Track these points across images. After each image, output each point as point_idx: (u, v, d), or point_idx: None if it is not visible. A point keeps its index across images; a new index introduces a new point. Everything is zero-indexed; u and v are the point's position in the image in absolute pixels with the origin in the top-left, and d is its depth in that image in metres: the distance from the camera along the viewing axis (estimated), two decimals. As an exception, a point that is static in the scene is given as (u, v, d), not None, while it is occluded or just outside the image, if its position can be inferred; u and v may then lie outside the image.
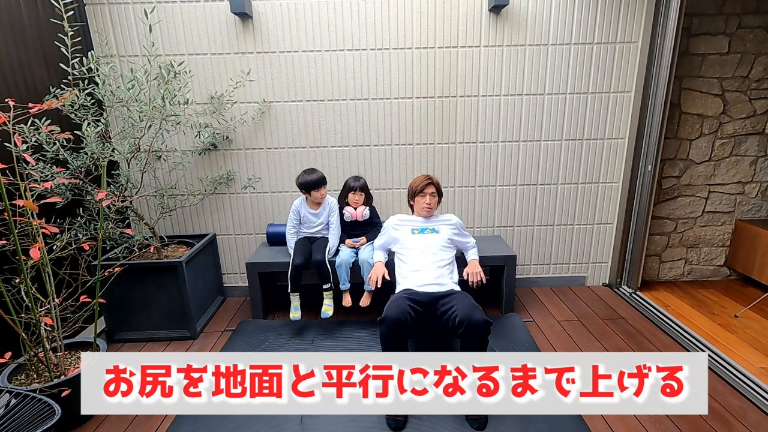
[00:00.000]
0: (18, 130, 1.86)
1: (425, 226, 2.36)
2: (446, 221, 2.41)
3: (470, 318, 1.81)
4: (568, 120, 2.91)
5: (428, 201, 2.34)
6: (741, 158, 3.07)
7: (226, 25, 2.71)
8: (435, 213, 2.45)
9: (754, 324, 2.64)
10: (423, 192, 2.34)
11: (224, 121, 2.85)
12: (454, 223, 2.41)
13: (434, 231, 2.34)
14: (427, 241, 2.30)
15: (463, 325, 1.82)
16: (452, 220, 2.43)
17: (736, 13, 2.82)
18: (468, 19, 2.72)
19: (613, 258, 3.18)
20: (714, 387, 2.05)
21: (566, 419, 1.82)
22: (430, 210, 2.36)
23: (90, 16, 2.69)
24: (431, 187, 2.35)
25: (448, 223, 2.40)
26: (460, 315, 1.85)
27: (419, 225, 2.38)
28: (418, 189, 2.34)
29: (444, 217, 2.44)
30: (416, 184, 2.36)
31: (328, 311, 2.56)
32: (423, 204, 2.35)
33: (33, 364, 1.82)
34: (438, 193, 2.39)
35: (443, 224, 2.39)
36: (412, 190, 2.38)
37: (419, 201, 2.36)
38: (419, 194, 2.34)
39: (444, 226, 2.37)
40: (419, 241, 2.30)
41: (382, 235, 2.54)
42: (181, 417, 1.91)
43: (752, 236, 3.04)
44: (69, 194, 2.28)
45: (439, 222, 2.40)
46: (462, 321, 1.82)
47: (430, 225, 2.37)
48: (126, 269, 2.39)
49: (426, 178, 2.36)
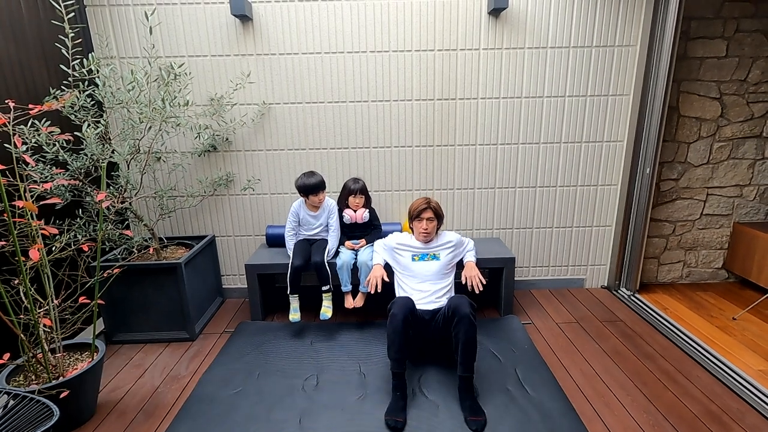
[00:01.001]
0: (18, 131, 1.86)
1: (425, 252, 2.35)
2: (446, 245, 2.36)
3: (457, 308, 1.95)
4: (566, 123, 2.92)
5: (425, 226, 2.28)
6: (739, 161, 3.08)
7: (227, 27, 2.72)
8: (435, 236, 2.38)
9: (752, 326, 2.65)
10: (420, 217, 2.28)
11: (224, 122, 2.86)
12: (451, 246, 2.37)
13: (435, 258, 2.34)
14: (428, 268, 2.31)
15: (450, 311, 1.99)
16: (451, 242, 2.38)
17: (734, 17, 2.83)
18: (467, 22, 2.73)
19: (612, 260, 3.19)
20: (712, 389, 2.06)
21: (565, 422, 1.83)
22: (427, 236, 2.31)
23: (90, 18, 2.69)
24: (428, 211, 2.27)
25: (447, 246, 2.36)
26: (449, 306, 2.00)
27: (419, 251, 2.35)
28: (415, 214, 2.29)
29: (444, 239, 2.38)
30: (414, 208, 2.31)
31: (327, 313, 2.57)
32: (420, 229, 2.30)
33: (31, 365, 1.82)
34: (437, 216, 2.30)
35: (443, 249, 2.35)
36: (411, 214, 2.33)
37: (416, 226, 2.32)
38: (416, 219, 2.30)
39: (443, 251, 2.35)
40: (420, 269, 2.31)
41: (383, 249, 2.50)
42: (180, 417, 1.90)
43: (750, 239, 3.05)
44: (68, 195, 2.28)
45: (439, 247, 2.35)
46: (449, 308, 1.99)
47: (430, 251, 2.35)
48: (125, 270, 2.39)
49: (424, 201, 2.29)
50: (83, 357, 2.01)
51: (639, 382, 2.13)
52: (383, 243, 2.51)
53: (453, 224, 3.12)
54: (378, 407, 1.94)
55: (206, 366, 2.35)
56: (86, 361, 1.96)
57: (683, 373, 2.19)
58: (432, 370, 2.21)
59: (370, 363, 2.30)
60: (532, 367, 2.22)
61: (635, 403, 1.97)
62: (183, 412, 1.94)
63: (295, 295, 2.57)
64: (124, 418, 1.95)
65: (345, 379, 2.16)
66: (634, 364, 2.28)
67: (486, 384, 2.09)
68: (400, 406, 1.90)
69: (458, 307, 1.95)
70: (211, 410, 1.95)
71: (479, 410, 1.87)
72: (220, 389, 2.10)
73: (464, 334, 1.91)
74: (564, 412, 1.88)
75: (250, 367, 2.28)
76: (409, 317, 2.00)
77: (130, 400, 2.08)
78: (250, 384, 2.13)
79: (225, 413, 1.93)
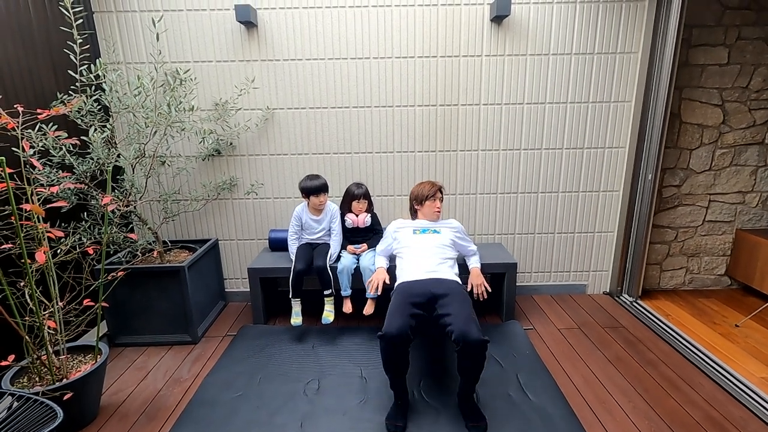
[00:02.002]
0: (26, 135, 1.89)
1: (427, 227, 2.38)
2: (448, 224, 2.44)
3: (465, 336, 1.73)
4: (568, 129, 2.93)
5: (438, 205, 2.40)
6: (741, 168, 3.08)
7: (232, 33, 2.75)
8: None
9: (755, 333, 2.64)
10: (434, 197, 2.38)
11: (228, 127, 2.88)
12: (456, 227, 2.44)
13: (436, 231, 2.37)
14: (428, 240, 2.32)
15: (459, 344, 1.75)
16: (454, 224, 2.45)
17: (736, 25, 2.85)
18: (470, 29, 2.76)
19: (614, 266, 3.19)
20: (714, 396, 2.05)
21: (567, 428, 1.82)
22: (440, 213, 2.43)
23: (98, 24, 2.73)
24: (440, 192, 2.42)
25: (450, 226, 2.43)
26: (455, 332, 1.76)
27: (421, 226, 2.40)
28: (430, 194, 2.37)
29: (446, 221, 2.47)
30: (425, 189, 2.39)
31: (329, 317, 2.58)
32: (434, 208, 2.38)
33: (35, 367, 1.83)
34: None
35: (445, 227, 2.41)
36: (422, 195, 2.39)
37: (429, 206, 2.38)
38: (429, 199, 2.37)
39: (446, 229, 2.40)
40: (420, 241, 2.31)
41: (383, 241, 2.55)
42: (181, 421, 1.91)
43: (752, 246, 3.04)
44: (74, 199, 2.30)
45: (441, 224, 2.42)
46: (458, 339, 1.75)
47: (432, 226, 2.39)
48: (129, 273, 2.41)
49: (434, 183, 2.41)
50: (87, 359, 2.03)
51: (641, 388, 2.12)
52: (383, 240, 2.55)
53: (455, 229, 3.13)
54: (379, 412, 1.94)
55: (208, 369, 2.36)
56: (89, 364, 1.97)
57: (685, 379, 2.18)
58: (433, 375, 2.22)
59: (372, 367, 2.30)
60: (533, 373, 2.22)
61: (637, 409, 1.97)
62: (185, 415, 1.95)
63: (297, 299, 2.59)
64: (127, 421, 1.96)
65: (346, 384, 2.16)
66: (636, 370, 2.27)
67: (487, 389, 2.09)
68: (400, 410, 1.90)
69: (467, 334, 1.74)
70: (212, 414, 1.95)
71: (480, 415, 1.86)
72: (222, 393, 2.11)
73: (474, 365, 1.79)
74: (565, 417, 1.88)
75: (252, 370, 2.29)
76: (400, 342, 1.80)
77: (132, 403, 2.09)
78: (252, 388, 2.14)
79: (227, 417, 1.93)
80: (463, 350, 1.76)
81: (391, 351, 1.80)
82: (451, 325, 1.81)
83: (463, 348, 1.75)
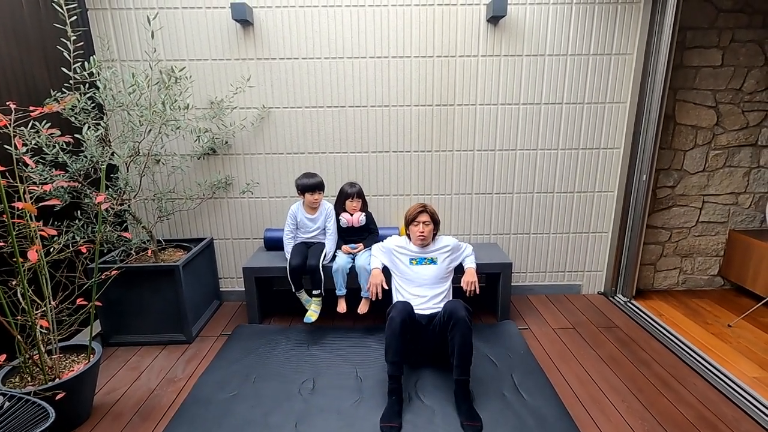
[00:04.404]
0: (18, 132, 1.87)
1: (423, 256, 2.36)
2: (443, 248, 2.38)
3: (453, 312, 1.99)
4: (564, 129, 2.94)
5: (421, 230, 2.29)
6: (734, 169, 3.11)
7: (227, 31, 2.74)
8: (431, 241, 2.39)
9: (747, 334, 2.66)
10: (416, 221, 2.30)
11: (224, 126, 2.87)
12: (448, 248, 2.39)
13: (432, 262, 2.35)
14: (425, 272, 2.33)
15: (445, 315, 2.01)
16: (448, 245, 2.39)
17: (729, 27, 2.87)
18: (466, 30, 2.76)
19: (609, 267, 3.20)
20: (707, 396, 2.07)
21: (561, 428, 1.83)
22: (424, 239, 2.32)
23: (92, 21, 2.71)
24: (424, 215, 2.30)
25: (444, 250, 2.38)
26: (446, 309, 2.03)
27: (417, 255, 2.36)
28: (411, 217, 2.32)
29: (441, 244, 2.39)
30: (410, 212, 2.34)
31: (312, 317, 2.57)
32: (416, 233, 2.31)
33: (28, 366, 1.81)
34: (433, 221, 2.32)
35: (440, 253, 2.37)
36: (407, 218, 2.35)
37: (413, 230, 2.33)
38: (412, 223, 2.32)
39: (441, 255, 2.37)
40: (418, 273, 2.33)
41: (383, 252, 2.51)
42: (175, 420, 1.90)
43: (745, 246, 3.07)
44: (67, 197, 2.28)
45: (436, 251, 2.37)
46: (445, 312, 2.02)
47: (427, 255, 2.36)
48: (123, 272, 2.39)
49: (420, 206, 2.32)
50: (80, 359, 2.01)
51: (634, 388, 2.14)
52: (381, 246, 2.52)
53: (450, 229, 3.13)
54: (374, 412, 1.94)
55: (203, 369, 2.35)
56: (83, 363, 1.96)
57: (678, 379, 2.20)
58: (428, 375, 2.22)
59: (367, 367, 2.30)
60: (528, 373, 2.23)
61: (631, 409, 1.98)
62: (179, 415, 1.94)
63: (301, 290, 2.59)
64: (120, 421, 1.95)
65: (341, 384, 2.16)
66: (630, 370, 2.29)
67: (482, 389, 2.10)
68: (395, 410, 1.90)
69: (454, 311, 1.98)
70: (207, 413, 1.95)
71: (475, 415, 1.87)
72: (217, 392, 2.10)
73: (460, 337, 1.94)
74: (560, 417, 1.89)
75: (246, 370, 2.28)
76: (408, 321, 2.02)
77: (126, 403, 2.08)
78: (247, 387, 2.13)
79: (221, 416, 1.92)
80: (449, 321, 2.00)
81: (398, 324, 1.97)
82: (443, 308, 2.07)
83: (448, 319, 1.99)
